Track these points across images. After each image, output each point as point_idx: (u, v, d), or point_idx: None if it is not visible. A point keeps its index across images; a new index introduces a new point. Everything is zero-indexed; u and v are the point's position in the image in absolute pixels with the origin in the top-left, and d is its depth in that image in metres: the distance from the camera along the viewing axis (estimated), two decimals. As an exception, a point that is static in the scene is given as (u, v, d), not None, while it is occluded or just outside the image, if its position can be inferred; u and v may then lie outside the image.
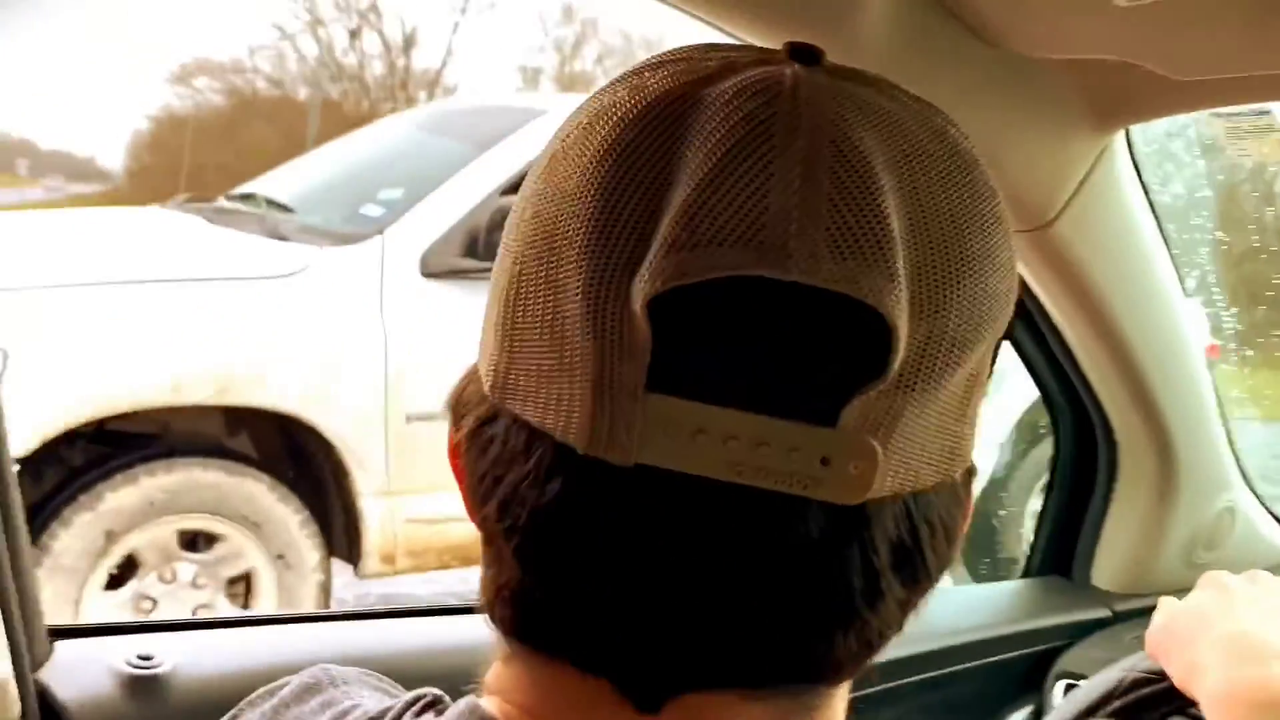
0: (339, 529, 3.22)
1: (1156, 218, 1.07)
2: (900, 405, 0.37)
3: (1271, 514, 1.43)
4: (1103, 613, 1.34)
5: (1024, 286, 1.11)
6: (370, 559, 3.19)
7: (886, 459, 0.37)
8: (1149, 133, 1.00)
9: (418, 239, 3.28)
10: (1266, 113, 0.99)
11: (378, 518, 3.19)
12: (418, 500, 3.22)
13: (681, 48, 0.43)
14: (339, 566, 3.28)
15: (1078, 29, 0.77)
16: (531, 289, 0.39)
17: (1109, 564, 1.37)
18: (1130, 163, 1.01)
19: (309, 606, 3.07)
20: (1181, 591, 1.36)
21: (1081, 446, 1.34)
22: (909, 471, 0.39)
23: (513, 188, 3.25)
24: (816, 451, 0.36)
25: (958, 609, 1.34)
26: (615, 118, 0.39)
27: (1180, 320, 1.16)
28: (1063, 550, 1.40)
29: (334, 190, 3.84)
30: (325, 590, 3.19)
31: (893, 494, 0.38)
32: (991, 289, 0.40)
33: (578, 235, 0.38)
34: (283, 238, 3.44)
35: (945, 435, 0.40)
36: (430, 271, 3.24)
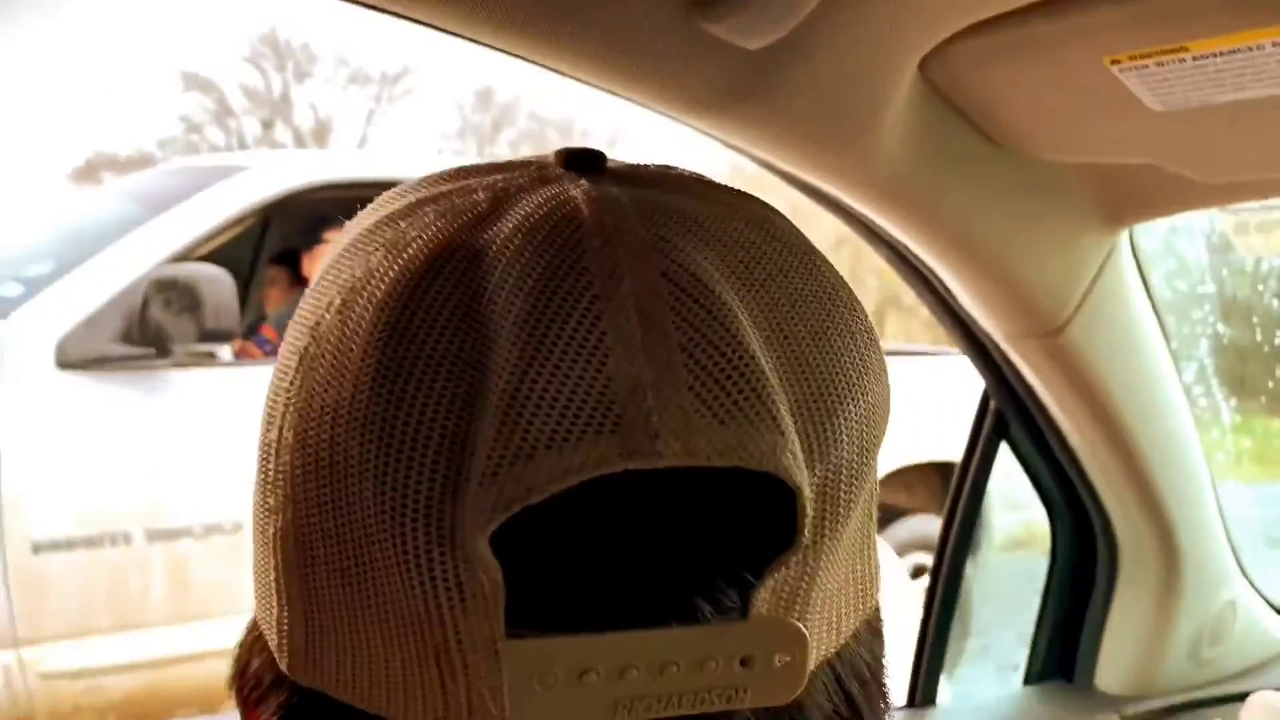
0: None
1: (1158, 314, 1.04)
2: (813, 567, 0.30)
3: (1270, 605, 1.40)
4: (1111, 717, 1.29)
5: (1028, 389, 1.07)
6: None
7: (812, 633, 0.31)
8: (1152, 229, 0.97)
9: (54, 322, 2.68)
10: (1276, 208, 0.97)
11: (1, 675, 2.58)
12: (55, 650, 2.64)
13: (435, 173, 0.35)
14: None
15: (1105, 134, 0.73)
16: (320, 538, 0.30)
17: (1113, 666, 1.32)
18: (1134, 261, 0.98)
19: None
20: (1189, 689, 1.32)
21: (1080, 547, 1.30)
22: (831, 631, 0.32)
23: (181, 255, 2.87)
24: (734, 654, 0.29)
25: (960, 724, 1.28)
26: (379, 294, 0.30)
27: (1182, 416, 1.13)
28: (1064, 653, 1.35)
29: None
30: None
31: (818, 664, 0.32)
32: (874, 397, 0.33)
33: (369, 463, 0.29)
34: None
35: (856, 572, 0.34)
36: (69, 361, 2.64)
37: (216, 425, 2.77)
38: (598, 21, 0.57)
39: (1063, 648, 1.35)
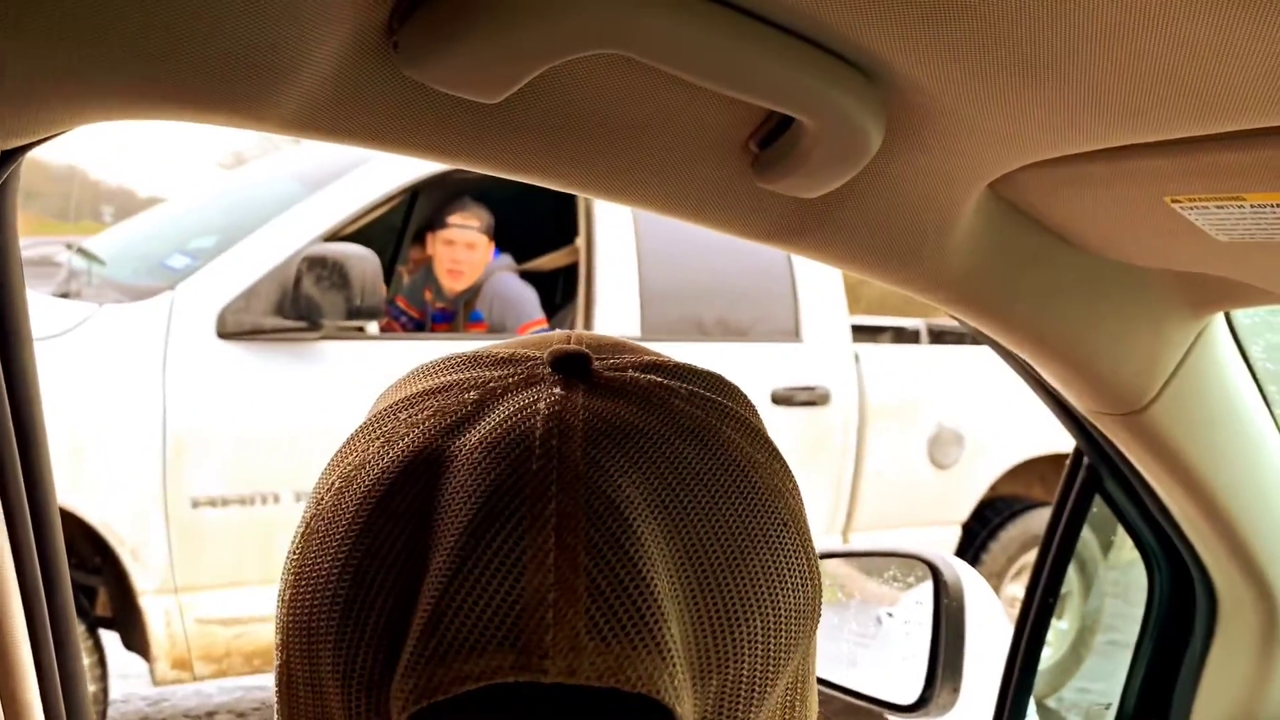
0: (131, 628, 2.87)
1: (1260, 386, 1.03)
2: None
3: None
4: (1204, 766, 1.29)
5: (1119, 453, 1.07)
6: (160, 663, 2.82)
7: None
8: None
9: (216, 294, 2.85)
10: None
11: (162, 618, 2.78)
12: (210, 598, 2.81)
13: (448, 360, 0.39)
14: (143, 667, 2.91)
15: (1175, 251, 0.74)
16: (300, 682, 0.36)
17: (1209, 715, 1.32)
18: (1231, 338, 0.97)
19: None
20: (1287, 746, 1.30)
21: (1177, 596, 1.29)
22: None
23: (334, 234, 2.99)
24: None
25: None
26: (365, 484, 0.36)
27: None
28: (1159, 698, 1.35)
29: (155, 240, 3.38)
30: (98, 701, 2.81)
31: None
32: (787, 605, 0.36)
33: (329, 635, 0.34)
34: (69, 294, 3.03)
35: None
36: (228, 331, 2.81)
37: (364, 395, 2.87)
38: (667, 181, 0.61)
39: (1157, 692, 1.35)
